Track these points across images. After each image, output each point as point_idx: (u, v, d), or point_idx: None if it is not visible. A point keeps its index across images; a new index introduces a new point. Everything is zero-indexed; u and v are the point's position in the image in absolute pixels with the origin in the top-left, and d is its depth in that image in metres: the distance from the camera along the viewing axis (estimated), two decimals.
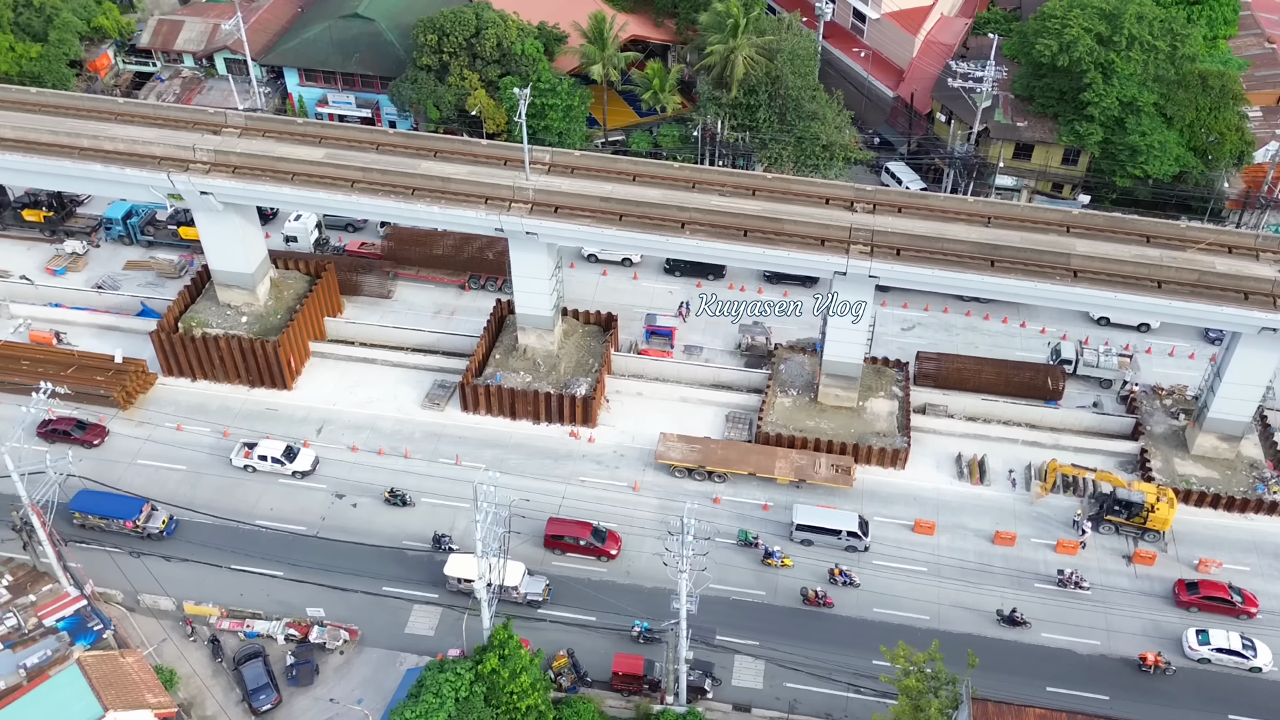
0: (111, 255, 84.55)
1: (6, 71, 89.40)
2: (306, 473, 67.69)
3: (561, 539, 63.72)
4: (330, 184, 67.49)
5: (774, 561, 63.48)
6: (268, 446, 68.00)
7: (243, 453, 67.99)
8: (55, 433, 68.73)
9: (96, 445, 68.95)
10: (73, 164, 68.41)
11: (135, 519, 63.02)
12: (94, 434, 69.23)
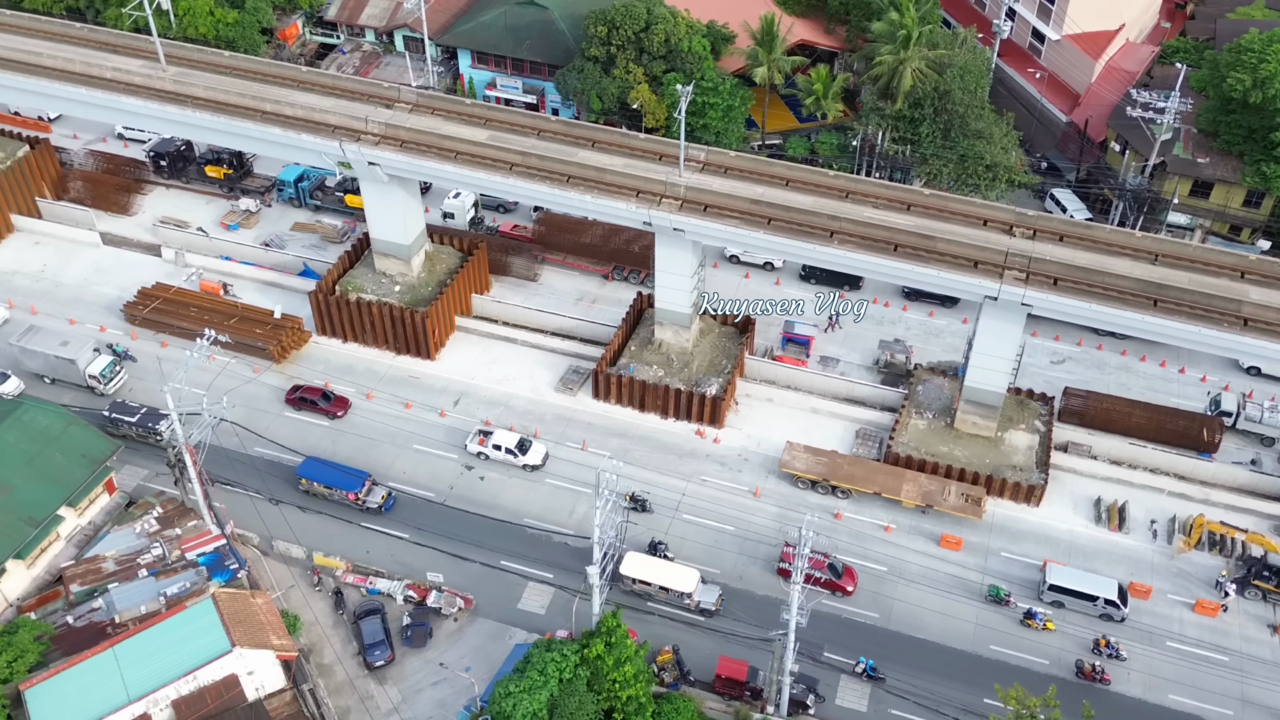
0: (281, 216, 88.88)
1: (204, 34, 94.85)
2: (537, 467, 68.26)
3: None
4: (490, 165, 69.26)
5: (1035, 623, 60.57)
6: (502, 437, 68.58)
7: (477, 439, 68.70)
8: (303, 400, 71.56)
9: (340, 417, 71.33)
10: (255, 126, 72.11)
11: (357, 491, 64.92)
12: (338, 405, 71.49)
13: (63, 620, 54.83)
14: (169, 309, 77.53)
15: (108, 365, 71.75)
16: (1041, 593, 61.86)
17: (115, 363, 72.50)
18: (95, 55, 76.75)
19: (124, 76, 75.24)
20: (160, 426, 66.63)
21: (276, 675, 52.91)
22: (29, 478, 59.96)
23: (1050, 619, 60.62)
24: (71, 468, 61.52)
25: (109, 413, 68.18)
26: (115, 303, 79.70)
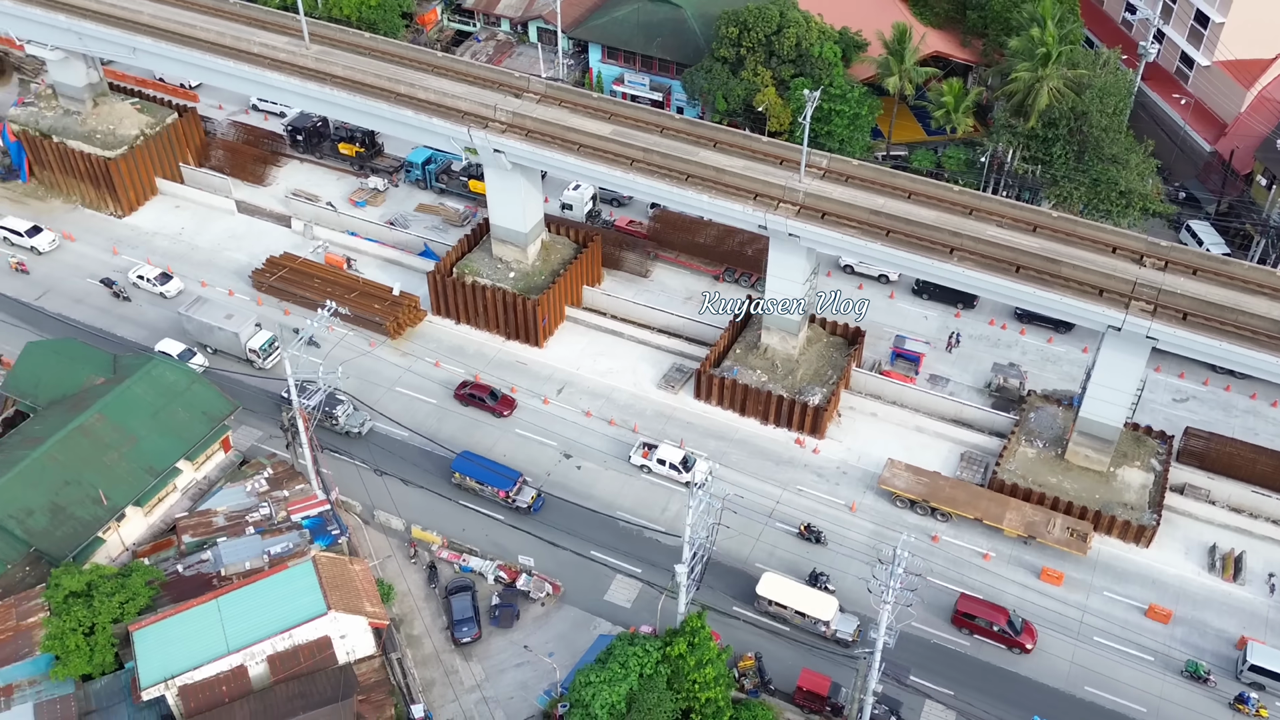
0: (406, 196, 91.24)
1: (348, 15, 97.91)
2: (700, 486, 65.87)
3: (973, 619, 60.09)
4: (611, 160, 69.82)
5: (1247, 709, 56.99)
6: (667, 452, 67.70)
7: (641, 452, 68.15)
8: (471, 397, 71.96)
9: (505, 416, 71.76)
10: (389, 107, 74.16)
11: (508, 490, 65.55)
12: (504, 405, 71.75)
13: (173, 568, 57.37)
14: (294, 279, 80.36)
15: (267, 341, 73.92)
16: (1240, 672, 58.34)
17: (274, 339, 74.37)
18: (245, 30, 79.91)
19: (269, 52, 78.17)
20: (336, 411, 68.85)
21: (367, 641, 54.40)
22: (153, 430, 62.87)
23: (1264, 706, 56.88)
24: (193, 423, 64.28)
25: (286, 394, 68.91)
26: (245, 268, 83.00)
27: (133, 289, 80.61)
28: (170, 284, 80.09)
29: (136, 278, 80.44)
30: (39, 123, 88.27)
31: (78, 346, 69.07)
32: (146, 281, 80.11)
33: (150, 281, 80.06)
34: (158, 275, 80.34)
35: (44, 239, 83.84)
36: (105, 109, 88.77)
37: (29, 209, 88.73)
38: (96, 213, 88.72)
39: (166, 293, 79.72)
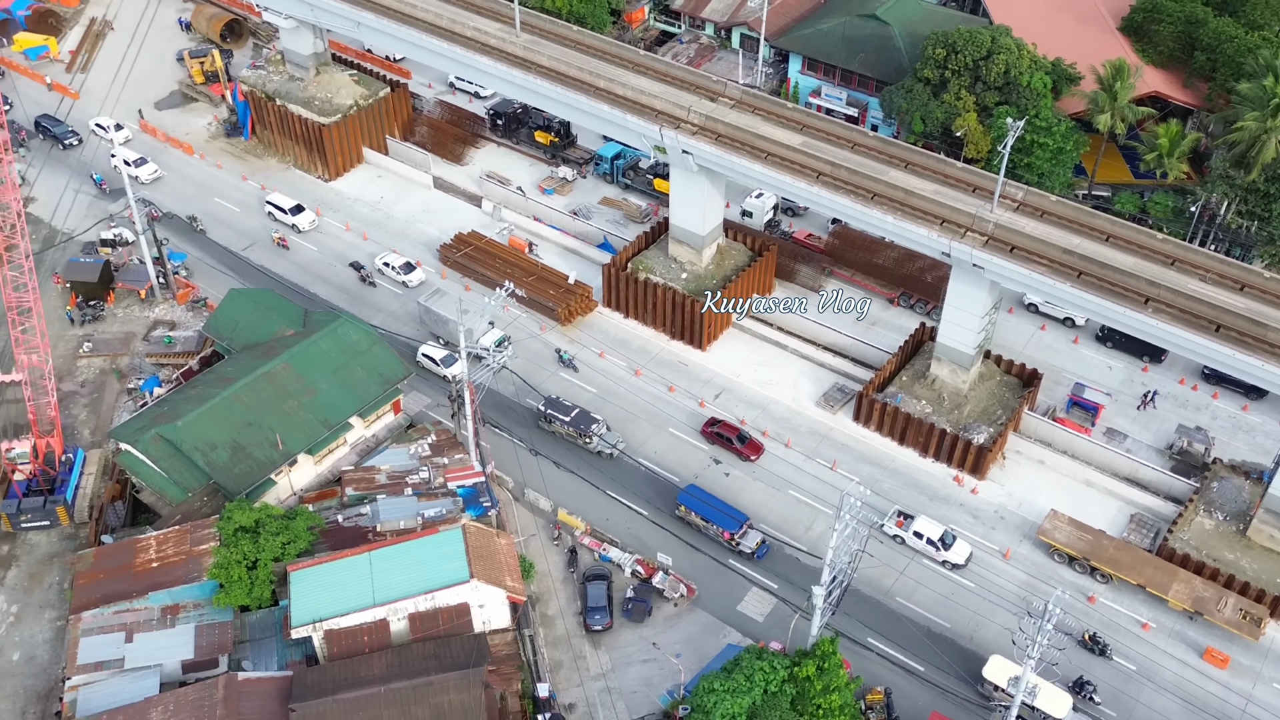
0: (592, 188, 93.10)
1: (559, 8, 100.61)
2: (959, 565, 63.26)
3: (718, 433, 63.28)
4: (798, 171, 69.33)
5: None
6: (925, 525, 63.92)
7: (895, 519, 64.83)
8: (719, 436, 69.70)
9: (752, 460, 69.52)
10: (587, 100, 75.83)
11: (734, 532, 63.94)
12: (751, 449, 69.41)
13: (333, 518, 60.38)
14: (478, 256, 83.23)
15: (499, 340, 72.72)
16: None
17: (505, 338, 73.04)
18: (461, 14, 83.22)
19: (481, 36, 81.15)
20: (592, 430, 68.57)
21: (503, 614, 55.86)
22: (333, 384, 66.29)
23: None
24: (369, 383, 67.45)
25: (544, 407, 70.12)
26: (434, 242, 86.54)
27: (378, 274, 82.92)
28: (413, 274, 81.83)
29: (382, 264, 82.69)
30: (265, 86, 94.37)
31: (274, 298, 73.52)
32: (391, 269, 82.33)
33: (395, 270, 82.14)
34: (402, 264, 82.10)
35: (305, 218, 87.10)
36: (326, 78, 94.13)
37: (246, 164, 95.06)
38: (306, 174, 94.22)
39: (409, 281, 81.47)
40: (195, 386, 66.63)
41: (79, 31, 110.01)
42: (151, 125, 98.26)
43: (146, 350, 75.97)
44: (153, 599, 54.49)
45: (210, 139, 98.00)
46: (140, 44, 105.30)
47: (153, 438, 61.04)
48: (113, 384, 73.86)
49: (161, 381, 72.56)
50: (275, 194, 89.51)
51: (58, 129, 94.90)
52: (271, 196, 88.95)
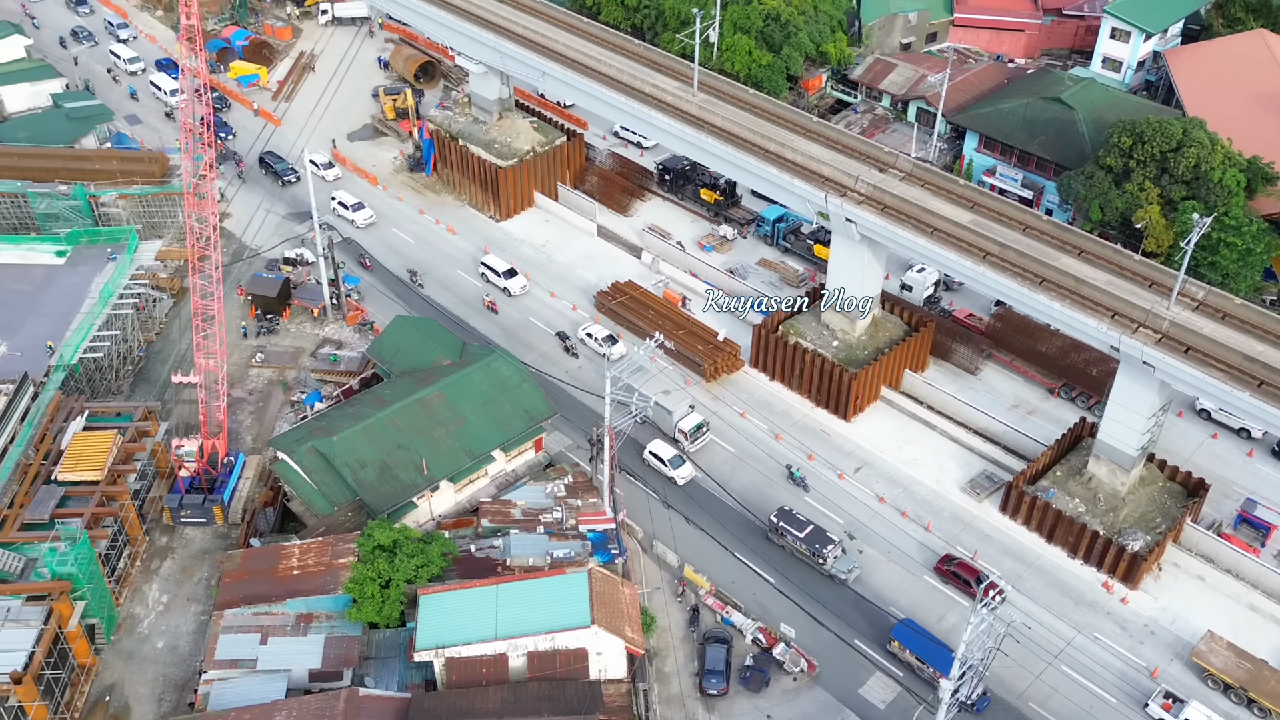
0: (751, 249, 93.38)
1: (737, 70, 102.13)
2: None
3: None
4: (964, 249, 67.86)
5: None
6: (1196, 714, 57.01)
7: (1162, 703, 58.15)
8: (954, 575, 65.23)
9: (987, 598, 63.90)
10: (755, 162, 76.38)
11: (947, 674, 57.56)
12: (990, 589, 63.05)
13: (466, 546, 61.68)
14: (632, 306, 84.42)
15: (697, 425, 72.34)
16: None
17: (704, 424, 72.68)
18: (641, 70, 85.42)
19: (659, 93, 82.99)
20: (825, 551, 64.89)
21: (620, 664, 55.70)
22: (481, 416, 68.09)
23: None
24: (514, 418, 68.98)
25: (775, 518, 66.87)
26: (591, 288, 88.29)
27: (580, 344, 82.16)
28: (615, 347, 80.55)
29: (585, 334, 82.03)
30: (450, 126, 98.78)
31: (436, 328, 76.25)
32: (594, 340, 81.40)
33: (597, 341, 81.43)
34: (605, 337, 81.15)
35: (516, 283, 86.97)
36: (507, 123, 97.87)
37: (424, 199, 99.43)
38: (478, 213, 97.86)
39: (610, 355, 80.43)
40: (353, 405, 69.53)
41: (288, 63, 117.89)
42: (342, 154, 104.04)
43: (313, 366, 79.85)
44: (290, 605, 56.70)
45: (394, 172, 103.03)
46: (341, 78, 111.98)
47: (308, 450, 63.90)
48: (278, 395, 77.83)
49: (323, 397, 76.04)
50: (491, 256, 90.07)
51: (279, 165, 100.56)
52: (487, 258, 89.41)
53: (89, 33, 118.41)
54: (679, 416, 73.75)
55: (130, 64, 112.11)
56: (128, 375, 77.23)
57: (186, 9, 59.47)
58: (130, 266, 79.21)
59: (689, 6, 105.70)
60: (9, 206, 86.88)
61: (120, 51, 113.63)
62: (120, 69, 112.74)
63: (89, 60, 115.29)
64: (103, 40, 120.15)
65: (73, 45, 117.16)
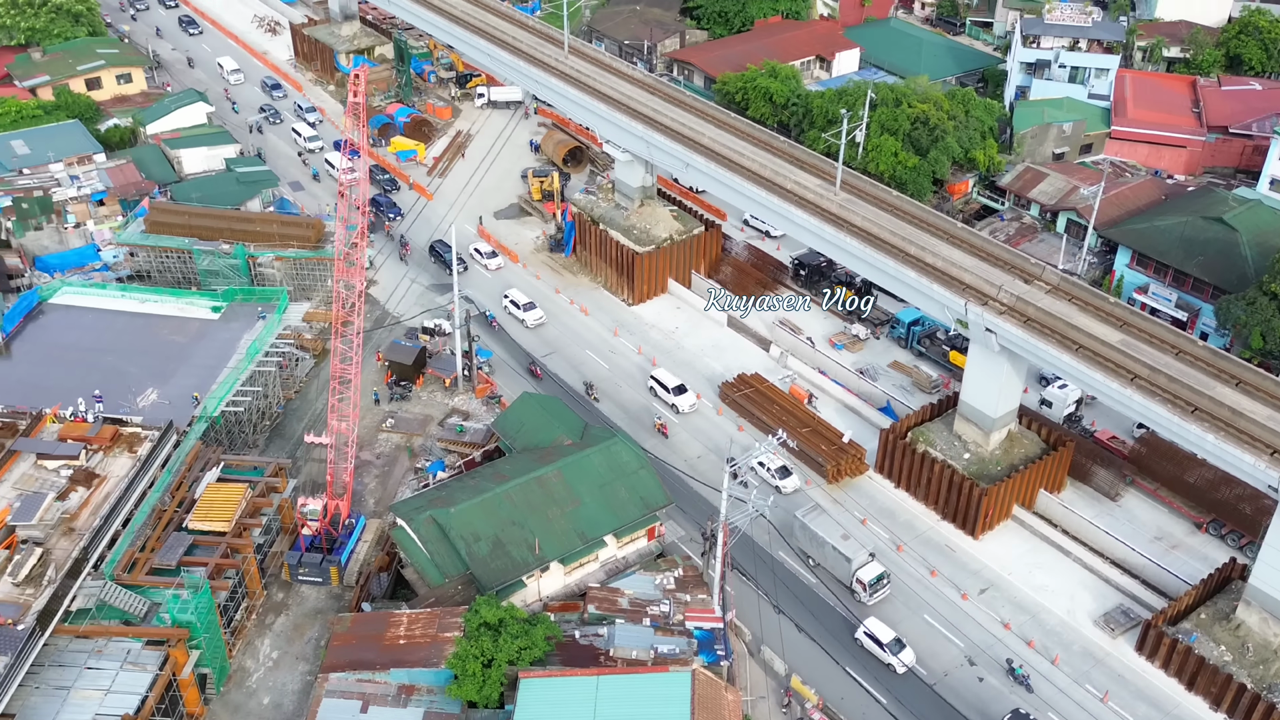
0: (884, 350, 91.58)
1: (881, 171, 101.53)
2: None
3: None
4: (1111, 369, 64.87)
5: None
6: None
7: None
8: None
9: None
10: (894, 264, 75.17)
11: None
12: None
13: (571, 631, 60.92)
14: (756, 399, 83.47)
15: (877, 576, 68.23)
16: None
17: (885, 575, 68.57)
18: (784, 166, 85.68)
19: (800, 190, 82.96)
20: None
21: None
22: (597, 499, 67.85)
23: None
24: (630, 504, 68.46)
25: None
26: (717, 378, 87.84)
27: (750, 473, 75.27)
28: (789, 479, 76.75)
29: (757, 463, 76.84)
30: (593, 210, 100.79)
31: (560, 406, 76.83)
32: (767, 470, 77.20)
33: (771, 472, 77.09)
34: (779, 468, 77.19)
35: (686, 400, 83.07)
36: (647, 210, 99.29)
37: (561, 278, 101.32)
38: (612, 296, 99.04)
39: (783, 488, 76.25)
40: (474, 478, 70.25)
41: (444, 141, 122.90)
42: (487, 231, 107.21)
43: (439, 435, 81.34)
44: (393, 675, 56.84)
45: (535, 251, 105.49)
46: (493, 158, 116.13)
47: (426, 519, 64.66)
48: (404, 460, 79.39)
49: (446, 466, 77.20)
50: (660, 370, 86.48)
51: (449, 255, 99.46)
52: (657, 372, 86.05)
53: (275, 111, 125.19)
54: (857, 565, 68.24)
55: (310, 142, 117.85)
56: (265, 430, 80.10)
57: (354, 87, 62.64)
58: (278, 326, 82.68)
59: (837, 106, 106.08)
60: (176, 261, 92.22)
61: (301, 130, 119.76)
62: (302, 146, 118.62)
63: (275, 139, 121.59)
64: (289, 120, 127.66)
65: (261, 124, 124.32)
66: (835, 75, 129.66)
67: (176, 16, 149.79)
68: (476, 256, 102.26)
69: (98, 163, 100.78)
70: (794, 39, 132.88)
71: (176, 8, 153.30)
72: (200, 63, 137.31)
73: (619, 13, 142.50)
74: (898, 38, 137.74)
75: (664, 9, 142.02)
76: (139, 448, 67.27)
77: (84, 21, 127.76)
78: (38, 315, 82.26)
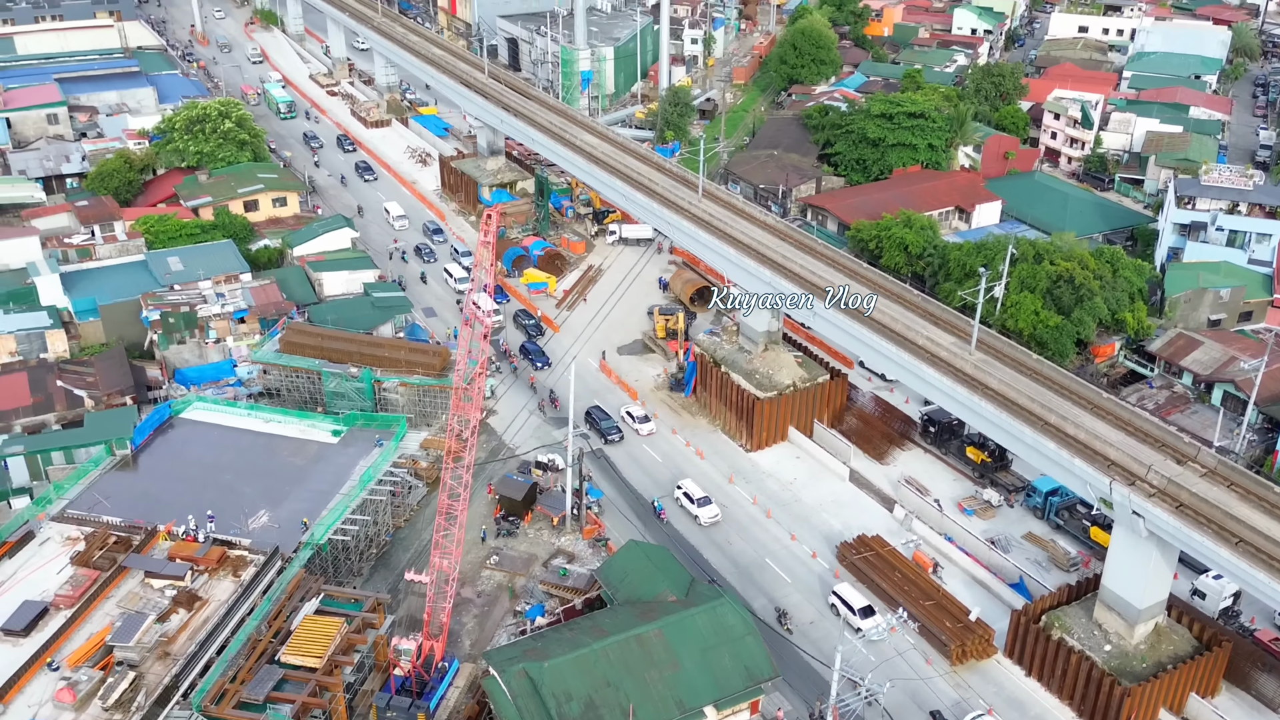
0: (1018, 520, 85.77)
1: (1020, 328, 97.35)
2: None
3: None
4: (1276, 568, 58.46)
5: None
6: None
7: None
8: None
9: None
10: (1031, 433, 70.63)
11: None
12: None
13: None
14: (876, 564, 78.68)
15: None
16: None
17: None
18: (916, 320, 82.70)
19: (931, 346, 79.67)
20: None
21: None
22: (698, 665, 63.91)
23: None
24: (733, 673, 64.24)
25: None
26: (834, 537, 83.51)
27: None
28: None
29: None
30: (715, 352, 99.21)
31: (667, 558, 73.72)
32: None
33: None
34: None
35: (871, 622, 73.41)
36: (771, 355, 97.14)
37: (680, 419, 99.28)
38: (730, 440, 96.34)
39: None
40: (572, 629, 67.35)
41: (576, 275, 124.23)
42: (609, 366, 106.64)
43: (542, 576, 79.12)
44: None
45: (655, 389, 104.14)
46: (621, 294, 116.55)
47: (518, 672, 61.87)
48: (504, 600, 77.29)
49: (545, 611, 74.66)
50: (844, 584, 77.23)
51: (605, 423, 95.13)
52: (838, 587, 76.73)
53: (430, 249, 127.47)
54: None
55: (460, 283, 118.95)
56: (371, 558, 79.41)
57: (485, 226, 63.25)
58: (394, 454, 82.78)
59: (975, 259, 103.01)
60: (305, 381, 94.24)
61: (454, 271, 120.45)
62: (453, 286, 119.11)
63: (430, 277, 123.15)
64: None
65: (406, 251, 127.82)
66: (975, 227, 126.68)
67: (354, 162, 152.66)
68: (629, 420, 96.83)
69: (243, 281, 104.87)
70: (933, 189, 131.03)
71: (354, 151, 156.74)
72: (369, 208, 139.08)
73: (756, 157, 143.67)
74: (1042, 192, 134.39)
75: (801, 154, 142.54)
76: (243, 572, 67.11)
77: (249, 147, 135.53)
78: (167, 429, 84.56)
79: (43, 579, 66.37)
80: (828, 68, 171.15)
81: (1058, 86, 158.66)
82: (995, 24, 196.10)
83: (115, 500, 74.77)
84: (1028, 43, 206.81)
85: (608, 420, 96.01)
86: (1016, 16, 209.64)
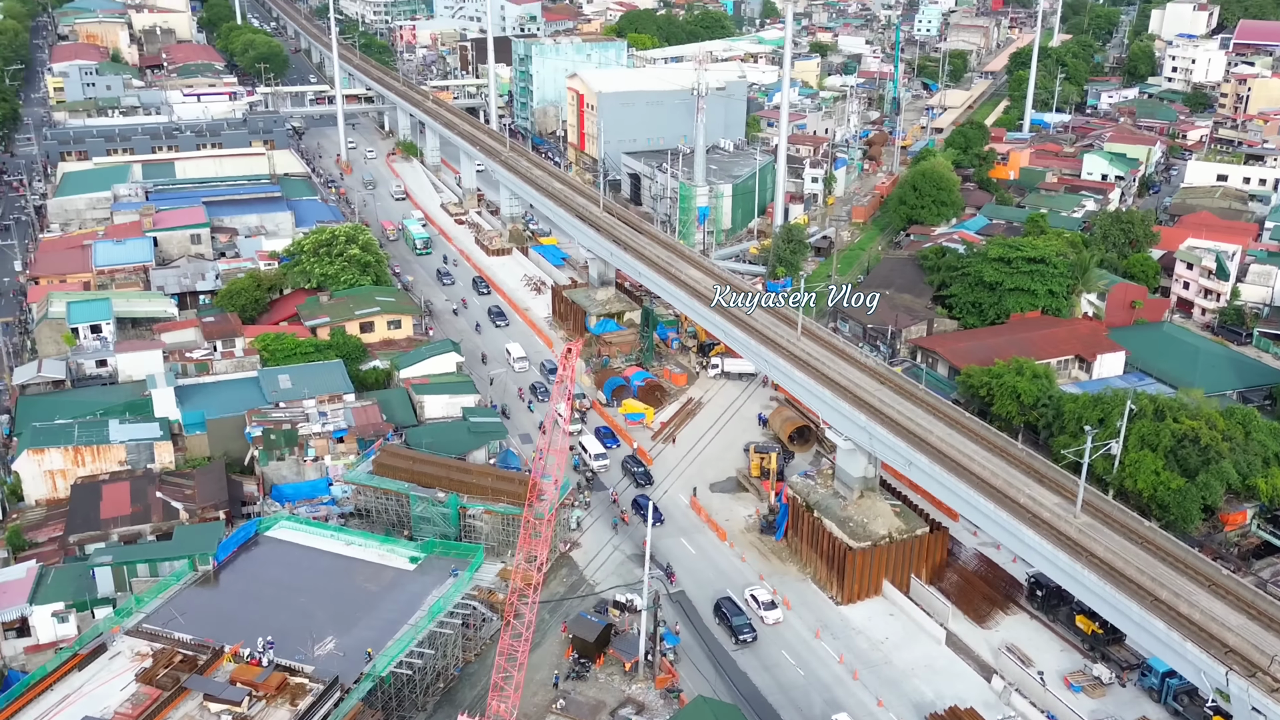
0: (1131, 700, 78.33)
1: (1140, 489, 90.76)
2: None
3: None
4: None
5: None
6: None
7: None
8: None
9: None
10: (1140, 611, 64.98)
11: None
12: None
13: None
14: None
15: None
16: None
17: None
18: (1018, 477, 78.22)
19: (1034, 506, 74.89)
20: None
21: None
22: None
23: None
24: None
25: None
26: (926, 707, 77.78)
27: None
28: None
29: None
30: (809, 495, 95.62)
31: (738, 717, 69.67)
32: None
33: None
34: None
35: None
36: (867, 503, 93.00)
37: (769, 564, 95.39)
38: (820, 591, 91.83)
39: None
40: None
41: (674, 407, 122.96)
42: (700, 504, 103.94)
43: None
44: None
45: (745, 530, 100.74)
46: (719, 428, 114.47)
47: None
48: None
49: None
50: None
51: (736, 619, 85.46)
52: None
53: (546, 388, 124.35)
54: None
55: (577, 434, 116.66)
56: (437, 693, 77.47)
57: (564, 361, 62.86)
58: (467, 586, 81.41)
59: (1093, 413, 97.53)
60: (393, 504, 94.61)
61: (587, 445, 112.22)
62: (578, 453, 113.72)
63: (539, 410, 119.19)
64: None
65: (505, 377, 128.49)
66: (1095, 378, 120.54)
67: (488, 306, 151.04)
68: (752, 604, 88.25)
69: (346, 402, 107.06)
70: (1051, 336, 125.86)
71: (489, 294, 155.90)
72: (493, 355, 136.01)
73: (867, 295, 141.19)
74: (1170, 344, 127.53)
75: (915, 295, 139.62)
76: (300, 701, 66.07)
77: (370, 271, 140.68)
78: (252, 546, 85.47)
79: (106, 694, 66.64)
80: (949, 209, 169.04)
81: (1192, 235, 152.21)
82: (1127, 170, 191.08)
83: (191, 616, 75.23)
84: (1163, 190, 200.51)
85: (740, 616, 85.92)
86: (1151, 163, 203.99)
